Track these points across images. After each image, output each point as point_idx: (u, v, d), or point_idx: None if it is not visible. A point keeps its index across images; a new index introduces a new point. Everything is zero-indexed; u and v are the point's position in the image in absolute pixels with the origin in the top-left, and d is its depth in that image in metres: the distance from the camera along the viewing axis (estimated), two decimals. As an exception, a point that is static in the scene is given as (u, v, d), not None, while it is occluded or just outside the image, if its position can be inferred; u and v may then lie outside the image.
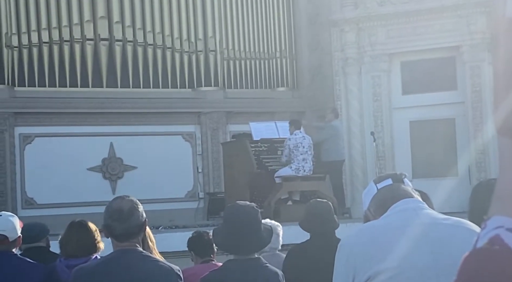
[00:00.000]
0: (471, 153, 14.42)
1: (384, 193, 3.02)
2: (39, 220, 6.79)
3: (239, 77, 16.07)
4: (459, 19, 14.54)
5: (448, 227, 2.85)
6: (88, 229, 5.09)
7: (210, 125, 15.59)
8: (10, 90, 14.27)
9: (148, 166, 14.97)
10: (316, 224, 5.90)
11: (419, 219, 2.87)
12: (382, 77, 15.14)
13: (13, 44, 14.36)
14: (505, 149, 0.76)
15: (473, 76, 14.45)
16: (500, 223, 0.75)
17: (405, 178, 3.12)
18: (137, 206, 3.82)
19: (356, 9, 15.22)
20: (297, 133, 12.46)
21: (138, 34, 15.18)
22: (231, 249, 4.27)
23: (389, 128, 15.09)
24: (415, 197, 2.99)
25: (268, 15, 16.43)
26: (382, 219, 2.93)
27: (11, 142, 14.25)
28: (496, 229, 0.75)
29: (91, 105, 14.64)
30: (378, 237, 2.83)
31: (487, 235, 0.74)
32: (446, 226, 2.85)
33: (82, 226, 5.12)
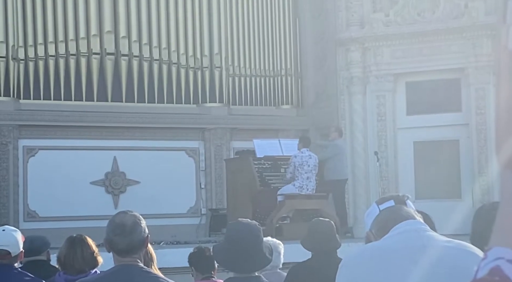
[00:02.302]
0: (475, 175, 14.42)
1: (386, 214, 3.02)
2: (41, 233, 6.78)
3: (244, 94, 16.09)
4: (465, 41, 14.57)
5: (450, 249, 2.85)
6: (87, 243, 5.08)
7: (214, 141, 15.59)
8: (15, 102, 14.30)
9: (151, 180, 14.97)
10: (318, 243, 5.90)
11: (421, 241, 2.87)
12: (387, 97, 15.15)
13: (20, 57, 14.40)
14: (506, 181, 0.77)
15: (478, 99, 14.46)
16: (501, 254, 0.75)
17: (408, 200, 3.12)
18: (140, 221, 3.82)
19: (362, 29, 15.26)
20: (304, 152, 12.45)
21: (144, 49, 15.22)
22: (232, 266, 4.26)
23: (393, 149, 15.08)
24: (417, 219, 2.99)
25: (274, 33, 16.47)
26: (383, 240, 2.93)
27: (15, 154, 14.26)
28: (496, 260, 0.75)
29: (96, 119, 14.66)
30: (379, 258, 2.84)
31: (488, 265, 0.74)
32: (448, 249, 2.85)
33: (81, 240, 5.11)
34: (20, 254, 5.35)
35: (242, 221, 4.30)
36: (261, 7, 16.36)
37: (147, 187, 14.93)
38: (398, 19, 15.09)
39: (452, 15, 14.78)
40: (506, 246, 0.76)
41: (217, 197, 15.32)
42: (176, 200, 15.10)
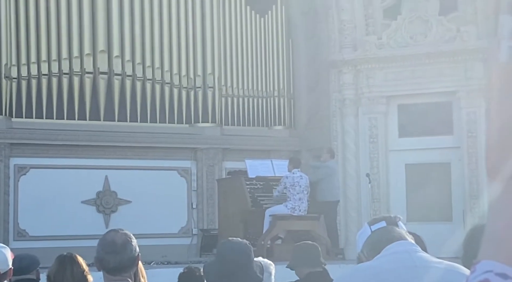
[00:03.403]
0: (466, 198, 14.44)
1: (378, 235, 3.02)
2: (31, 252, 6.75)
3: (236, 114, 16.11)
4: (456, 65, 14.65)
5: (441, 271, 2.85)
6: (78, 262, 5.06)
7: (206, 161, 15.60)
8: (7, 121, 14.29)
9: (142, 200, 14.95)
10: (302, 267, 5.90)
11: (412, 262, 2.87)
12: (379, 119, 15.19)
13: (12, 75, 14.41)
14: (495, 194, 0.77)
15: (469, 122, 14.51)
16: (490, 268, 0.75)
17: (399, 221, 3.12)
18: (130, 239, 3.80)
19: (355, 51, 15.32)
20: (295, 172, 12.46)
21: (137, 69, 15.26)
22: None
23: (385, 171, 15.10)
24: (408, 240, 3.00)
25: (267, 54, 16.53)
26: (375, 260, 2.93)
27: (6, 173, 14.24)
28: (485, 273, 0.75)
29: (88, 138, 14.66)
30: (371, 279, 2.83)
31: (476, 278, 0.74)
32: (439, 270, 2.85)
33: (72, 259, 5.09)
34: (9, 272, 5.31)
35: (232, 240, 4.29)
36: (254, 28, 16.43)
37: (139, 207, 14.91)
38: (390, 42, 15.17)
39: (444, 39, 14.87)
40: (494, 259, 0.76)
41: (209, 217, 15.31)
42: (168, 219, 15.08)
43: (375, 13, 15.38)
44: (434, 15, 15.02)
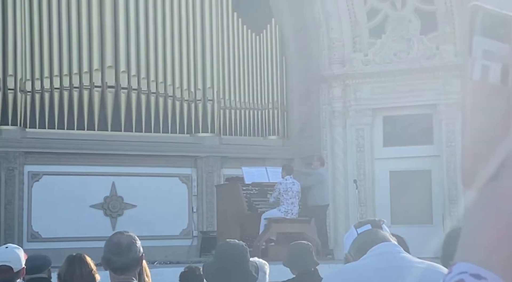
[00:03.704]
0: (445, 202, 14.45)
1: (363, 237, 3.02)
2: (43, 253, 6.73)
3: (234, 125, 16.11)
4: (436, 80, 14.67)
5: (422, 270, 2.85)
6: (86, 262, 5.05)
7: (205, 168, 15.58)
8: (22, 131, 14.28)
9: (146, 204, 14.93)
10: (298, 264, 5.89)
11: (395, 262, 2.87)
12: (366, 130, 15.20)
13: (27, 89, 14.41)
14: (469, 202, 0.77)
15: (448, 133, 14.52)
16: (465, 269, 0.76)
17: (384, 224, 3.12)
18: (135, 241, 3.79)
19: (343, 67, 15.34)
20: (288, 179, 12.47)
21: (142, 83, 15.26)
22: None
23: (371, 177, 15.10)
24: (392, 242, 3.00)
25: (263, 69, 16.54)
26: (361, 261, 2.93)
27: (20, 179, 14.22)
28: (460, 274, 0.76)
29: (96, 147, 14.64)
30: (357, 278, 2.83)
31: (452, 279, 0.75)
32: (420, 269, 2.85)
33: (81, 259, 5.08)
34: (22, 271, 5.31)
35: (230, 241, 4.28)
36: (250, 46, 16.45)
37: (143, 210, 14.88)
38: (376, 59, 15.19)
39: (425, 56, 14.89)
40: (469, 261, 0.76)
41: (208, 220, 15.28)
42: (170, 222, 15.05)
43: (362, 32, 15.40)
44: (416, 35, 15.06)
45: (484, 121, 0.77)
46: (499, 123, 0.77)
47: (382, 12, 15.33)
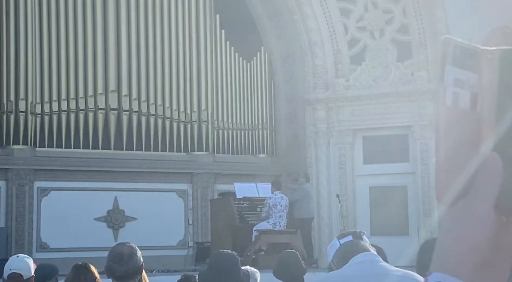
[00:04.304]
0: (420, 215, 14.46)
1: (345, 247, 3.02)
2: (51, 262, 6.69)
3: (226, 144, 16.11)
4: (411, 103, 14.73)
5: (398, 277, 2.85)
6: (90, 270, 5.02)
7: (200, 184, 15.56)
8: (32, 150, 14.24)
9: (146, 217, 14.88)
10: (287, 271, 5.86)
11: (374, 270, 2.87)
12: (347, 149, 15.23)
13: (37, 111, 14.39)
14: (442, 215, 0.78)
15: (422, 151, 14.56)
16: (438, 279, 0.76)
17: (364, 235, 3.12)
18: (136, 251, 3.78)
19: (327, 91, 15.39)
20: (277, 194, 12.46)
21: (142, 106, 15.26)
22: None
23: (352, 192, 15.11)
24: (371, 251, 2.99)
25: (253, 93, 16.57)
26: (344, 269, 2.93)
27: (30, 194, 14.16)
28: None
29: (100, 165, 14.61)
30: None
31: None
32: (397, 277, 2.85)
33: (85, 268, 5.05)
34: (31, 278, 5.27)
35: (223, 251, 4.27)
36: (241, 72, 16.49)
37: (143, 223, 14.82)
38: (356, 84, 15.24)
39: (401, 81, 14.96)
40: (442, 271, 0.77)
41: (203, 231, 15.23)
42: (167, 234, 15.00)
43: (343, 59, 15.47)
44: (393, 62, 15.14)
45: (456, 142, 0.78)
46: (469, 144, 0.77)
47: (362, 41, 15.41)
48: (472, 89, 0.77)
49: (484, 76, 0.77)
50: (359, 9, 15.35)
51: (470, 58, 0.78)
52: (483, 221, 0.76)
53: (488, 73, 0.77)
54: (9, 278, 5.27)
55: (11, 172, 14.08)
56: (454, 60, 0.78)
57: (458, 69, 0.78)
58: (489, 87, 0.77)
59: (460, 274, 0.75)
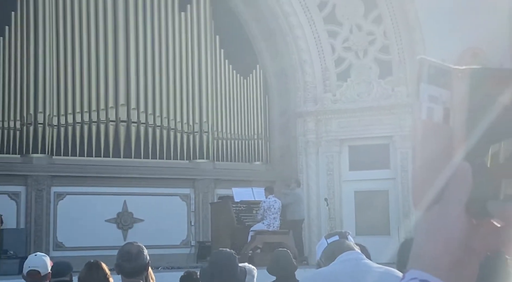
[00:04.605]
0: (400, 217, 14.46)
1: (332, 246, 3.01)
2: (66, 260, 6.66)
3: (225, 152, 16.10)
4: (392, 116, 14.75)
5: (380, 274, 2.84)
6: (102, 267, 5.00)
7: (201, 189, 15.53)
8: (49, 158, 14.22)
9: (152, 219, 14.84)
10: (280, 268, 5.85)
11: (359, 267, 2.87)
12: (334, 157, 15.23)
13: (54, 123, 14.37)
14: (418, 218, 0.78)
15: (402, 160, 14.58)
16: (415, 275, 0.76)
17: (349, 235, 3.12)
18: (142, 250, 3.77)
19: (316, 105, 15.40)
20: (270, 198, 12.47)
21: (149, 118, 15.25)
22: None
23: (339, 196, 15.10)
24: (356, 250, 2.99)
25: (249, 106, 16.57)
26: (331, 266, 2.93)
27: (48, 198, 14.13)
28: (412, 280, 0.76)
29: (111, 171, 14.59)
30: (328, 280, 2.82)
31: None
32: (379, 273, 2.84)
33: (97, 265, 5.03)
34: (48, 275, 5.26)
35: (222, 250, 4.26)
36: (239, 87, 16.49)
37: (150, 224, 14.79)
38: (343, 98, 15.27)
39: (383, 96, 14.99)
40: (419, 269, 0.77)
41: (204, 232, 15.20)
42: (172, 234, 14.96)
43: (331, 76, 15.50)
44: (375, 79, 15.17)
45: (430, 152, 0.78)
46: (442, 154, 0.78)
47: (347, 60, 15.45)
48: (444, 104, 0.77)
49: (455, 93, 0.77)
50: (345, 32, 15.39)
51: (443, 76, 0.78)
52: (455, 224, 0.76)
53: (459, 90, 0.77)
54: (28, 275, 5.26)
55: (31, 178, 14.04)
56: (429, 78, 0.78)
57: (432, 86, 0.78)
58: (460, 103, 0.77)
59: (435, 271, 0.75)
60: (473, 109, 0.77)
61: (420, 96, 0.78)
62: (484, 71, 0.78)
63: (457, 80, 0.77)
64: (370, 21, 15.23)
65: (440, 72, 0.78)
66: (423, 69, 0.78)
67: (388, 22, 15.06)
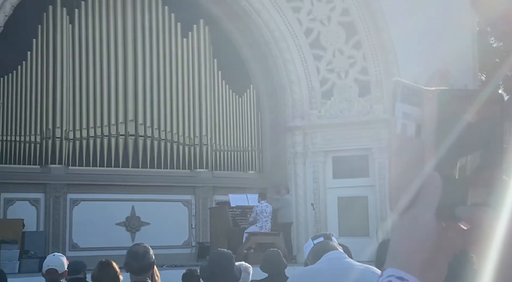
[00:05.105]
0: (378, 220, 14.45)
1: (318, 246, 3.01)
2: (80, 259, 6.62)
3: (223, 163, 16.08)
4: (371, 130, 14.76)
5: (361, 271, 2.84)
6: (112, 266, 4.98)
7: (201, 195, 15.49)
8: (66, 168, 14.17)
9: (157, 222, 14.79)
10: (271, 266, 5.83)
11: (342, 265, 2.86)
12: (320, 167, 15.23)
13: (70, 137, 14.34)
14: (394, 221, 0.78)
15: (380, 169, 14.58)
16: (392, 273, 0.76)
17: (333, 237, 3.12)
18: (149, 250, 3.76)
19: (303, 120, 15.42)
20: (263, 203, 12.44)
21: (155, 132, 15.23)
22: None
23: (324, 202, 15.08)
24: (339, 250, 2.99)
25: (244, 122, 16.56)
26: (317, 264, 2.92)
27: (64, 204, 14.07)
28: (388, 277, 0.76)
29: (120, 180, 14.54)
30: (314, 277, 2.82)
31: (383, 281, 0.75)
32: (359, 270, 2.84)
33: (108, 264, 5.01)
34: (65, 273, 5.23)
35: (220, 250, 4.25)
36: (234, 105, 16.50)
37: (155, 227, 14.73)
38: (327, 114, 15.29)
39: (362, 112, 15.02)
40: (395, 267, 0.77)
41: (203, 234, 15.14)
42: (174, 235, 14.90)
43: (316, 95, 15.53)
44: (355, 97, 15.21)
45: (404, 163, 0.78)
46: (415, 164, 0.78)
47: (331, 80, 15.49)
48: (416, 121, 0.78)
49: (425, 111, 0.78)
50: (328, 55, 15.44)
51: (415, 96, 0.78)
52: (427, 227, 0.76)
53: (429, 109, 0.78)
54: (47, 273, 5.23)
55: (49, 186, 13.99)
56: (402, 97, 0.78)
57: (405, 105, 0.78)
58: (429, 119, 0.77)
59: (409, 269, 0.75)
60: (441, 126, 0.77)
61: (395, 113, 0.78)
62: (451, 92, 0.78)
63: (427, 100, 0.78)
64: (351, 46, 15.30)
65: (412, 93, 0.79)
66: (397, 89, 0.79)
67: (367, 47, 15.13)
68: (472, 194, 0.75)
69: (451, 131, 0.76)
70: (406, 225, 0.77)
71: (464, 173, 0.76)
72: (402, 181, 0.78)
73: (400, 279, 0.74)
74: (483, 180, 0.75)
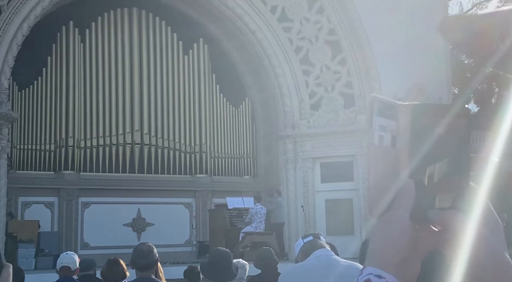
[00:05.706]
0: (362, 220, 14.44)
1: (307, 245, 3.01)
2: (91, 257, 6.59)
3: (221, 168, 16.05)
4: (355, 139, 14.76)
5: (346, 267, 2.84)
6: (120, 263, 4.96)
7: (201, 198, 15.46)
8: (78, 174, 14.13)
9: (161, 223, 14.74)
10: (264, 263, 5.81)
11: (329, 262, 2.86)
12: (309, 172, 15.22)
13: (81, 146, 14.31)
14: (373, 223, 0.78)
15: (363, 174, 14.58)
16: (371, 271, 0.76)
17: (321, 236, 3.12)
18: (153, 248, 3.75)
19: (294, 129, 15.42)
20: (258, 205, 12.41)
21: (158, 141, 15.21)
22: (212, 278, 4.17)
23: (313, 204, 15.06)
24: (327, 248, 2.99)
25: (240, 131, 16.56)
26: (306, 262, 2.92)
27: (76, 207, 14.01)
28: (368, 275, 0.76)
29: (128, 184, 14.50)
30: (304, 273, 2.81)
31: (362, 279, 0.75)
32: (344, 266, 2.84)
33: (116, 261, 4.99)
34: (77, 270, 5.20)
35: (218, 248, 4.24)
36: (231, 116, 16.50)
37: (159, 227, 14.68)
38: (315, 124, 15.30)
39: (347, 123, 15.04)
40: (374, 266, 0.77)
41: (203, 233, 15.09)
42: (177, 235, 14.85)
43: (306, 106, 15.55)
44: (341, 108, 15.23)
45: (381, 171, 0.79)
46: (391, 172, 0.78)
47: (319, 93, 15.52)
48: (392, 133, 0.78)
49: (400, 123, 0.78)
50: (316, 71, 15.49)
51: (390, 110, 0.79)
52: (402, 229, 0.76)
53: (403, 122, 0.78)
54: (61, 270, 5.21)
55: (62, 191, 13.94)
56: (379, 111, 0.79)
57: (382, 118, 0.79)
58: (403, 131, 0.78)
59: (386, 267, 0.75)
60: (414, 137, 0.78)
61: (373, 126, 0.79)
62: (423, 107, 0.79)
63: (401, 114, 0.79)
64: (336, 62, 15.35)
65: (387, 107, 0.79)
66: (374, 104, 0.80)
67: (351, 63, 15.19)
68: (439, 198, 0.76)
69: (424, 142, 0.77)
70: (383, 227, 0.77)
71: (432, 180, 0.76)
72: (380, 186, 0.78)
73: (378, 277, 0.74)
74: (450, 186, 0.75)
